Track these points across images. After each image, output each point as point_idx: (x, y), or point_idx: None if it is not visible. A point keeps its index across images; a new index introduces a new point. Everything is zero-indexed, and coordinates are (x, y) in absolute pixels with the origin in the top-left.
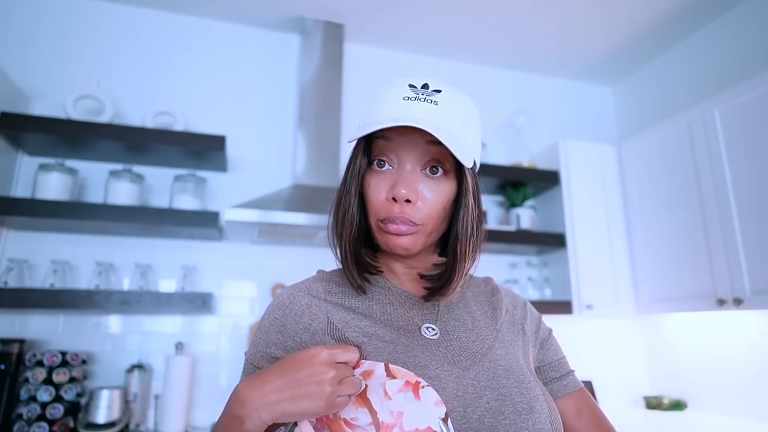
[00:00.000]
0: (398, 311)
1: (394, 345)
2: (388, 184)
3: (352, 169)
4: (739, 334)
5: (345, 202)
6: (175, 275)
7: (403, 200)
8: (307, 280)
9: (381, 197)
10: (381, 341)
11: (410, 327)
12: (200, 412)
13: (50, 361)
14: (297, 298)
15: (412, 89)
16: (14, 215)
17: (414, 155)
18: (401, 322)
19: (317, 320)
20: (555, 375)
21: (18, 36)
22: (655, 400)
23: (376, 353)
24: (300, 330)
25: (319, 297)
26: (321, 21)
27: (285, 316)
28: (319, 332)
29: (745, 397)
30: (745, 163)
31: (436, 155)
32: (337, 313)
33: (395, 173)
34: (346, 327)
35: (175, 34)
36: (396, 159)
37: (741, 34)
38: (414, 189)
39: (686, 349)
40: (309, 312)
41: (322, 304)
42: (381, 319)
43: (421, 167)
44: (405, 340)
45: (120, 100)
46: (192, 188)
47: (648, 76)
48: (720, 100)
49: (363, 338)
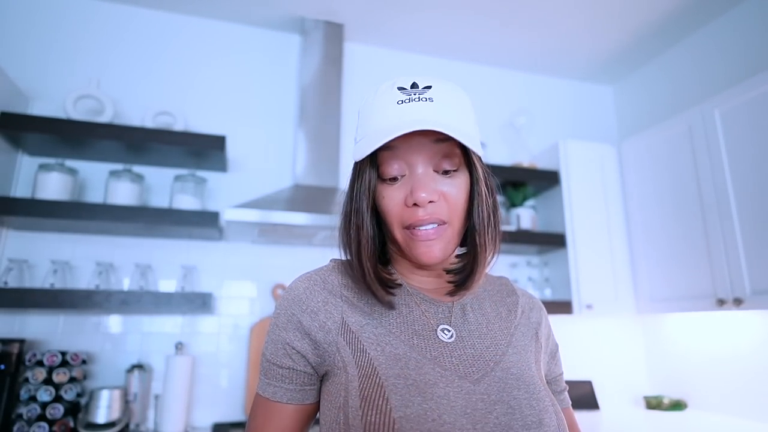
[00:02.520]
0: (415, 313)
1: (405, 360)
2: (404, 192)
3: (359, 186)
4: (739, 334)
5: (357, 219)
6: (175, 275)
7: (426, 203)
8: (322, 271)
9: (400, 203)
10: (393, 355)
11: (426, 330)
12: (200, 412)
13: (50, 361)
14: (313, 294)
15: (403, 91)
16: (14, 215)
17: (423, 157)
18: (417, 325)
19: (332, 319)
20: (555, 389)
21: (18, 36)
22: (655, 400)
23: (388, 367)
24: (316, 328)
25: (334, 293)
26: (321, 21)
27: (302, 312)
28: (333, 332)
29: (745, 397)
30: (745, 163)
31: (445, 152)
32: (353, 314)
33: (409, 179)
34: (361, 332)
35: (175, 34)
36: (405, 165)
37: (741, 34)
38: (433, 190)
39: (686, 349)
40: (325, 309)
41: (338, 302)
42: (397, 326)
43: (433, 167)
44: (417, 354)
45: (120, 100)
46: (192, 188)
47: (648, 76)
48: (720, 99)
49: (376, 348)
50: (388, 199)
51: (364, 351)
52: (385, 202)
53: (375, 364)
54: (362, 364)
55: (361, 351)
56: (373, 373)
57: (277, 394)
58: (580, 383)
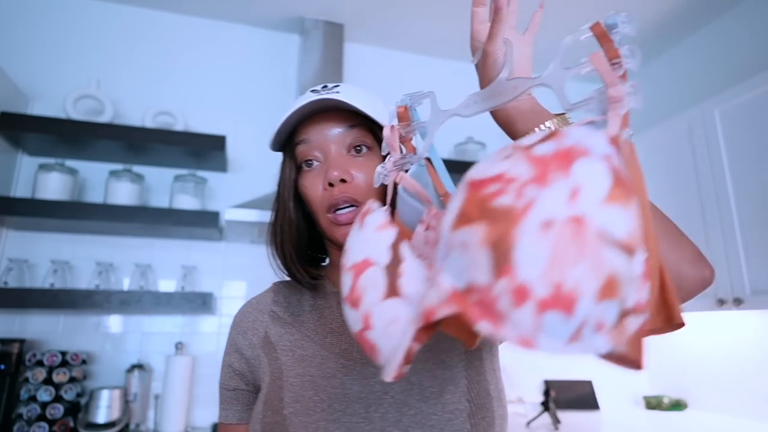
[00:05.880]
0: (335, 312)
1: (310, 360)
2: (321, 176)
3: (284, 178)
4: (739, 334)
5: (282, 210)
6: (175, 275)
7: (338, 181)
8: (261, 293)
9: (319, 189)
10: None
11: (346, 327)
12: (200, 412)
13: (50, 361)
14: (245, 316)
15: (315, 92)
16: (14, 215)
17: (336, 143)
18: (335, 324)
19: (257, 335)
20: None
21: (18, 36)
22: (655, 400)
23: (292, 368)
24: (246, 346)
25: (264, 310)
26: (321, 21)
27: (237, 334)
28: (257, 347)
29: (745, 397)
30: (745, 162)
31: (357, 136)
32: (275, 327)
33: (325, 164)
34: (279, 341)
35: (175, 34)
36: (321, 154)
37: (741, 34)
38: (345, 169)
39: (686, 349)
40: (253, 328)
41: (264, 319)
42: (314, 329)
43: (347, 150)
44: (326, 351)
45: (120, 100)
46: (192, 188)
47: (648, 76)
48: (720, 99)
49: (288, 353)
50: (308, 187)
51: (278, 359)
52: (306, 190)
53: (283, 368)
54: (273, 372)
55: (275, 360)
56: (279, 377)
57: (228, 416)
58: (580, 383)
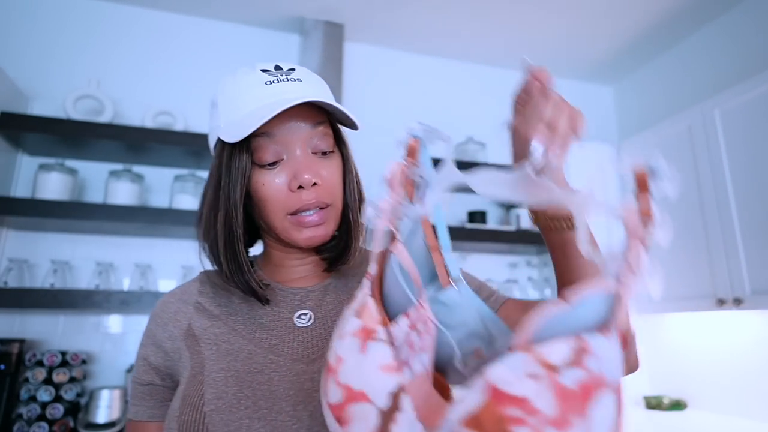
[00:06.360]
0: (266, 308)
1: (236, 354)
2: (285, 176)
3: (230, 172)
4: (739, 334)
5: (228, 207)
6: (175, 275)
7: (310, 184)
8: (186, 283)
9: (283, 190)
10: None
11: (277, 320)
12: None
13: (50, 361)
14: (167, 306)
15: (268, 73)
16: (14, 215)
17: (301, 141)
18: (265, 318)
19: (179, 327)
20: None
21: (18, 36)
22: (655, 400)
23: (215, 363)
24: (165, 338)
25: (188, 301)
26: (321, 21)
27: (156, 326)
28: (178, 339)
29: (745, 397)
30: (745, 162)
31: (320, 134)
32: (200, 319)
33: (289, 163)
34: (203, 334)
35: (175, 34)
36: (283, 150)
37: (741, 34)
38: (316, 172)
39: (686, 349)
40: (175, 319)
41: (188, 310)
42: (243, 323)
43: (311, 150)
44: (253, 346)
45: (120, 100)
46: (192, 188)
47: (648, 76)
48: (720, 99)
49: (212, 347)
50: (268, 186)
51: (200, 353)
52: (264, 189)
53: (205, 363)
54: (194, 366)
55: (197, 353)
56: (200, 372)
57: (139, 413)
58: None
